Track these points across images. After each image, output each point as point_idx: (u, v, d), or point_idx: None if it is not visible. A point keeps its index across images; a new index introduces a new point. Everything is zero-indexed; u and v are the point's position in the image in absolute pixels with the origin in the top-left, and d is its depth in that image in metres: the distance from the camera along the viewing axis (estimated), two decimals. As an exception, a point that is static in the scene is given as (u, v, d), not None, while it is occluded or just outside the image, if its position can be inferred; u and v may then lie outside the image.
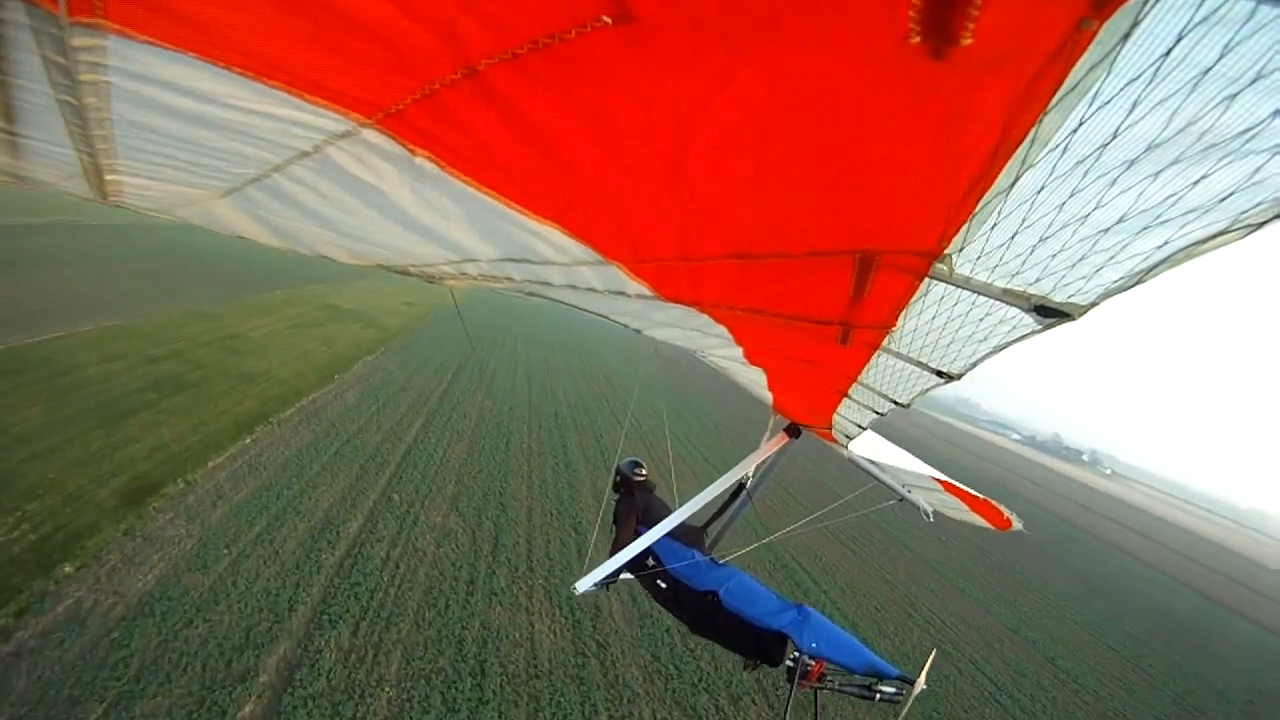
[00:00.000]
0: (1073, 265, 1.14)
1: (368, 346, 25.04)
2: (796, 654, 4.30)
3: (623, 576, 5.01)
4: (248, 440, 13.14)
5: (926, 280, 1.46)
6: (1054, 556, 28.95)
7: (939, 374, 1.91)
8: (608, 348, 48.98)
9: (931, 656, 4.45)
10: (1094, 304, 1.19)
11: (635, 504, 5.20)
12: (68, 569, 8.03)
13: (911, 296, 1.57)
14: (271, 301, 27.84)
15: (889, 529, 22.51)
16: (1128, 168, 0.91)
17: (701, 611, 4.58)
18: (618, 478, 5.50)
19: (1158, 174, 0.89)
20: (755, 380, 4.15)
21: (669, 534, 4.69)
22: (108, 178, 2.11)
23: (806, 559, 16.95)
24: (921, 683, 4.02)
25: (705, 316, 2.63)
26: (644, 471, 5.47)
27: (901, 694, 4.18)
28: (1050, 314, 1.31)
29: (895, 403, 2.36)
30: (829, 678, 4.35)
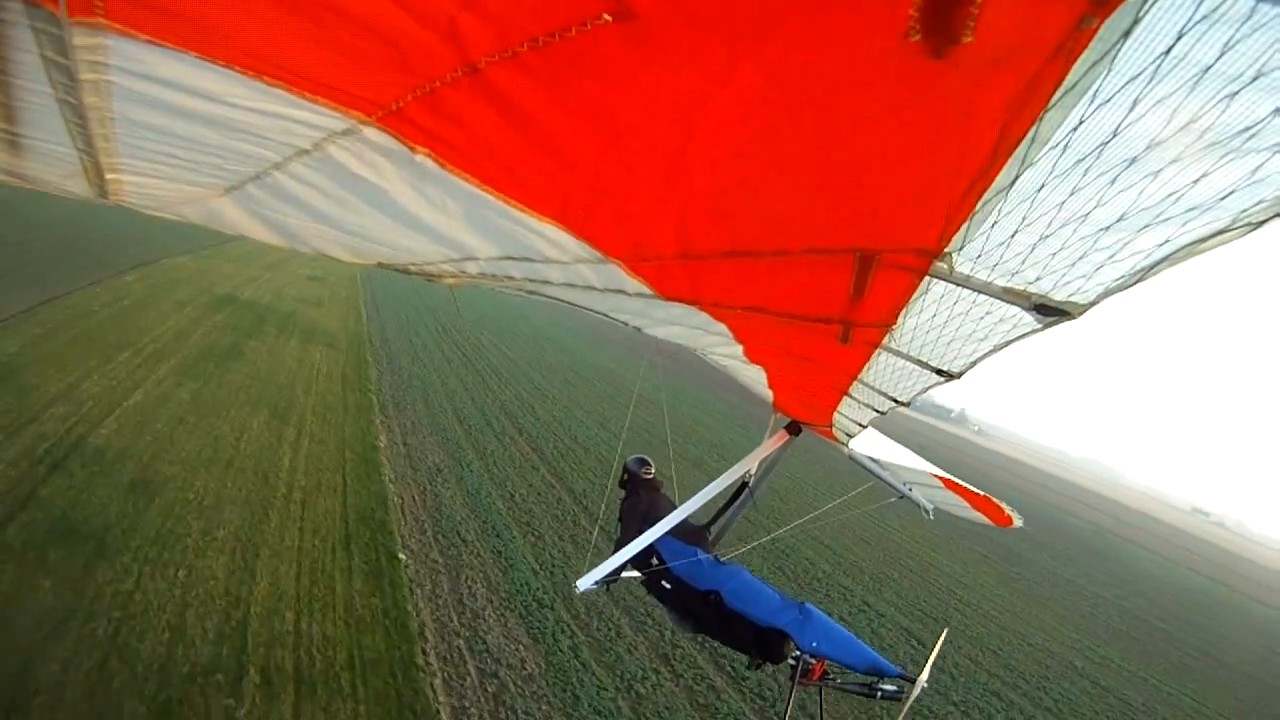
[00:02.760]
0: (1073, 264, 1.14)
1: (349, 395, 15.01)
2: (798, 652, 4.30)
3: (627, 575, 5.02)
4: None
5: (927, 279, 1.46)
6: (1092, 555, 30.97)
7: (939, 372, 1.91)
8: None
9: (933, 655, 4.45)
10: (1094, 302, 1.19)
11: (640, 501, 5.21)
12: None
13: (912, 295, 1.57)
14: (124, 295, 16.49)
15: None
16: (1128, 166, 0.91)
17: (704, 611, 4.58)
18: (624, 475, 5.51)
19: (1158, 172, 0.89)
20: (756, 378, 4.15)
21: (672, 533, 4.70)
22: (108, 177, 2.11)
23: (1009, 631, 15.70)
24: (923, 680, 4.02)
25: (705, 314, 2.63)
26: (651, 470, 5.48)
27: (903, 692, 4.18)
28: (1050, 312, 1.31)
29: (896, 401, 2.36)
30: (830, 676, 4.36)
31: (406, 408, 16.39)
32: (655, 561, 4.75)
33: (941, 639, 5.05)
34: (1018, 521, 5.38)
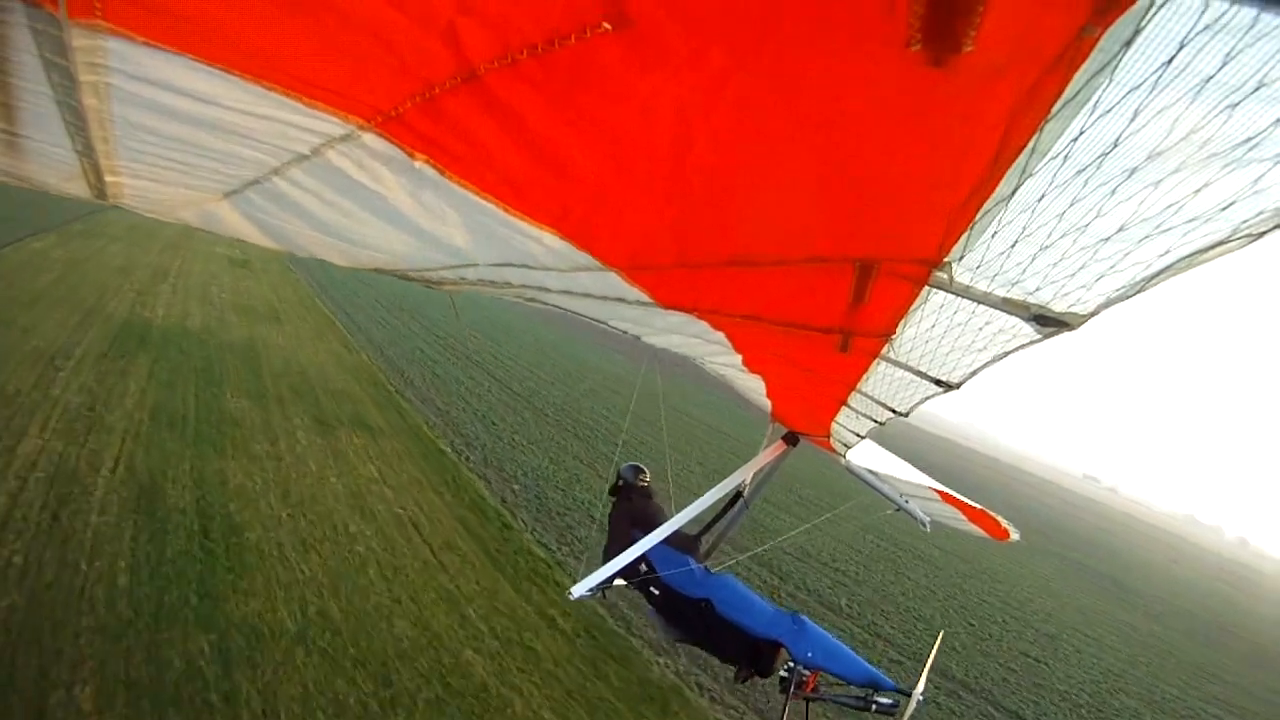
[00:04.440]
0: (1073, 274, 1.14)
1: (597, 681, 6.19)
2: (791, 664, 4.26)
3: (616, 582, 4.99)
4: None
5: (926, 288, 1.46)
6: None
7: (938, 383, 1.90)
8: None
9: (927, 665, 4.41)
10: (1094, 313, 1.19)
11: (633, 508, 5.20)
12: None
13: (911, 304, 1.57)
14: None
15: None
16: (1129, 176, 0.91)
17: (694, 619, 4.55)
18: (619, 481, 5.51)
19: (1159, 182, 0.89)
20: (754, 388, 4.14)
21: (664, 541, 4.68)
22: (108, 179, 2.11)
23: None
24: (919, 693, 3.98)
25: (704, 323, 2.63)
26: (646, 477, 5.48)
27: (898, 705, 4.14)
28: (1050, 323, 1.31)
29: (894, 412, 2.35)
30: (823, 688, 4.32)
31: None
32: (645, 569, 4.72)
33: (937, 644, 5.00)
34: (1014, 535, 5.37)
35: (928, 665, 4.37)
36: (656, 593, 4.70)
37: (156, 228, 22.32)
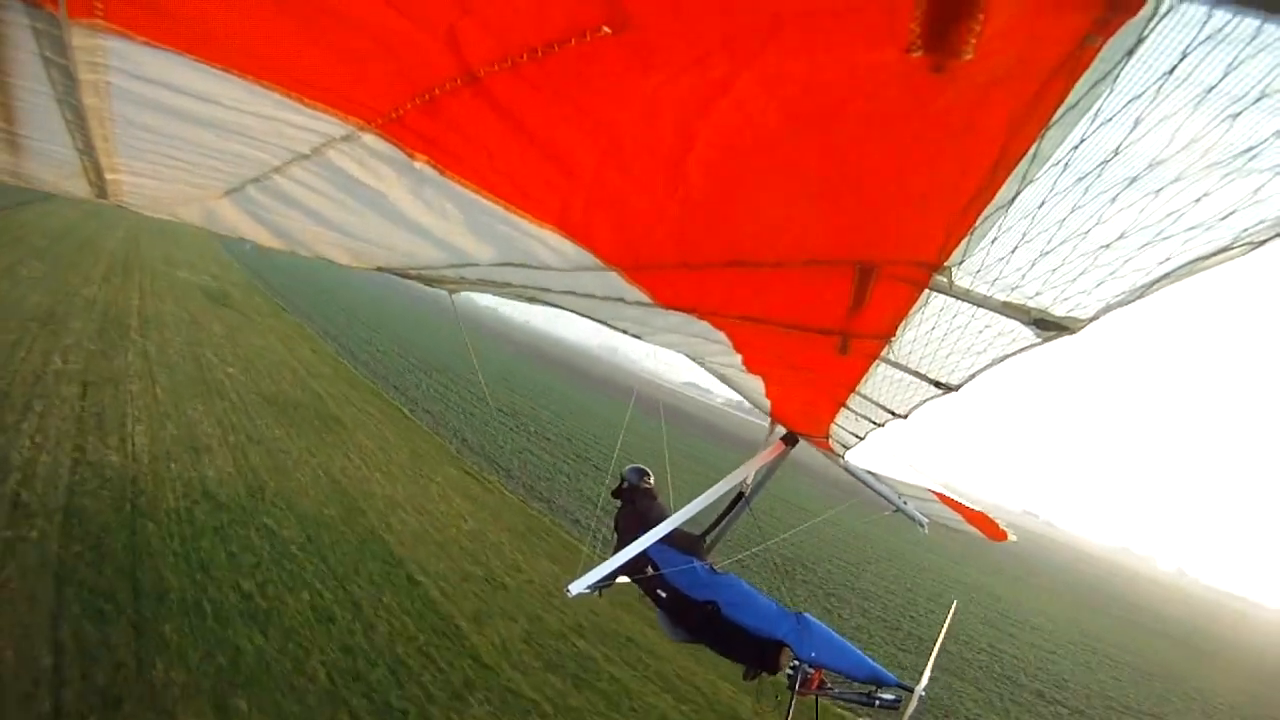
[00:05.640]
0: (1073, 280, 1.14)
1: None
2: (796, 662, 4.29)
3: (622, 581, 5.01)
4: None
5: (926, 291, 1.46)
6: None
7: (937, 385, 1.90)
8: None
9: (930, 662, 4.42)
10: (1094, 318, 1.19)
11: (638, 509, 5.22)
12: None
13: (911, 307, 1.57)
14: None
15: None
16: (1129, 184, 0.91)
17: (701, 621, 4.58)
18: (623, 484, 5.54)
19: (1159, 190, 0.89)
20: (754, 388, 4.14)
21: (668, 543, 4.69)
22: (108, 176, 2.10)
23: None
24: (921, 690, 4.01)
25: (704, 323, 2.62)
26: (650, 480, 5.52)
27: (901, 701, 4.17)
28: (1050, 327, 1.31)
29: (893, 414, 2.35)
30: (828, 685, 4.35)
31: None
32: (650, 570, 4.73)
33: (942, 633, 4.99)
34: (1012, 536, 5.39)
35: (931, 660, 4.39)
36: (664, 595, 4.72)
37: (94, 234, 15.90)
